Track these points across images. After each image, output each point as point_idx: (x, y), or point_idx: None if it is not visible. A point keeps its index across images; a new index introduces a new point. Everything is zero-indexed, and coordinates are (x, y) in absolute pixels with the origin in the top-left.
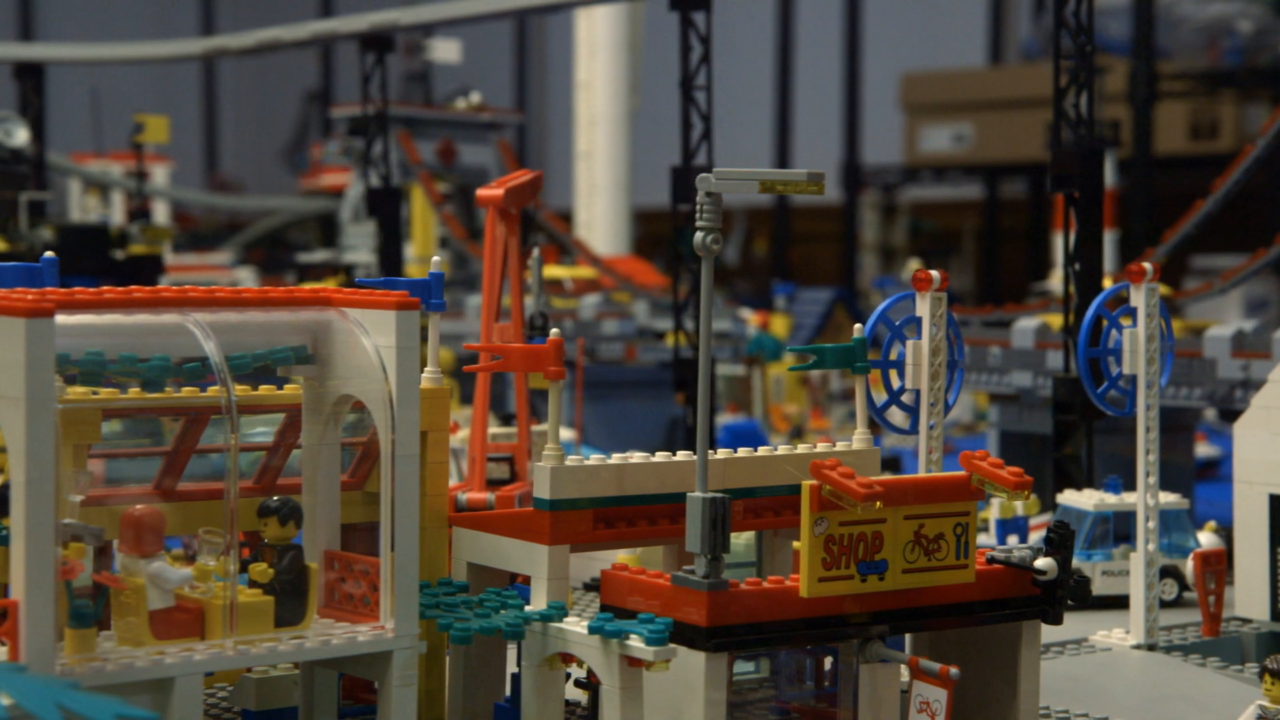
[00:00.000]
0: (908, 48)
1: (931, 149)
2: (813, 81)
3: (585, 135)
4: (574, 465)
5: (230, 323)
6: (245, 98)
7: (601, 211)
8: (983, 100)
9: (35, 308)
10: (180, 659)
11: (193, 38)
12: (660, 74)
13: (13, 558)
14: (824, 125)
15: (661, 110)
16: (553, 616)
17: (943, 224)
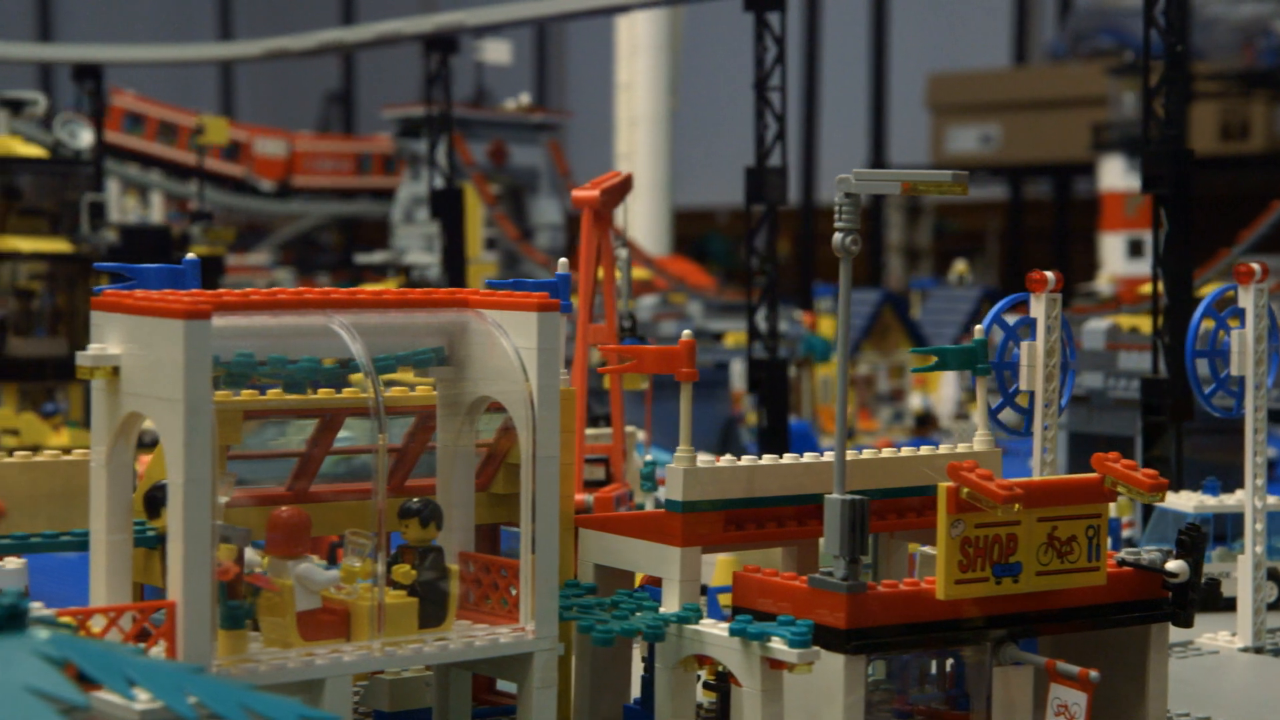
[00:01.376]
0: (931, 48)
1: (959, 149)
2: (839, 82)
3: (625, 136)
4: (705, 467)
5: (371, 324)
6: (263, 99)
7: (642, 212)
8: (1010, 101)
9: (193, 309)
10: (330, 660)
11: (252, 39)
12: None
13: (170, 559)
14: (850, 126)
15: (695, 111)
16: (690, 618)
17: (967, 225)
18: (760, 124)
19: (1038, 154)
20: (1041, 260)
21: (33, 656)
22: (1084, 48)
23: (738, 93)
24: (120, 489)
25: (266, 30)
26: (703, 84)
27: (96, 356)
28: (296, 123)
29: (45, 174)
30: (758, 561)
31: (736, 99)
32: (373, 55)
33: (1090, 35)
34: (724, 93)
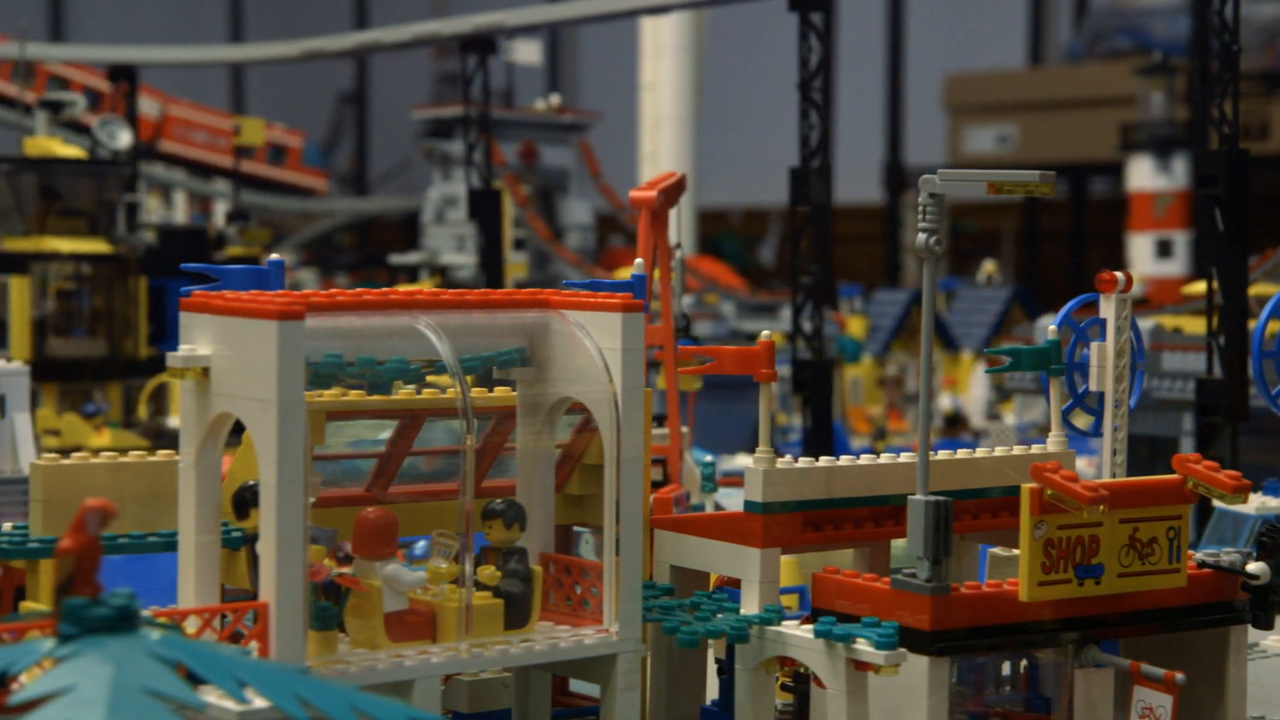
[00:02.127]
0: (947, 48)
1: (976, 150)
2: (855, 83)
3: (650, 136)
4: (785, 468)
5: (454, 324)
6: (274, 99)
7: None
8: (1027, 101)
9: (286, 310)
10: (419, 661)
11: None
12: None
13: (262, 560)
14: (867, 126)
15: (719, 112)
16: (773, 620)
17: (982, 225)
18: (805, 124)
19: (1056, 154)
20: (1058, 261)
21: (147, 657)
22: (1102, 48)
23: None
24: (208, 490)
25: (276, 31)
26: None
27: (187, 357)
28: (308, 123)
29: (84, 175)
30: (823, 563)
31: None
32: (384, 55)
33: (1108, 35)
34: (735, 93)
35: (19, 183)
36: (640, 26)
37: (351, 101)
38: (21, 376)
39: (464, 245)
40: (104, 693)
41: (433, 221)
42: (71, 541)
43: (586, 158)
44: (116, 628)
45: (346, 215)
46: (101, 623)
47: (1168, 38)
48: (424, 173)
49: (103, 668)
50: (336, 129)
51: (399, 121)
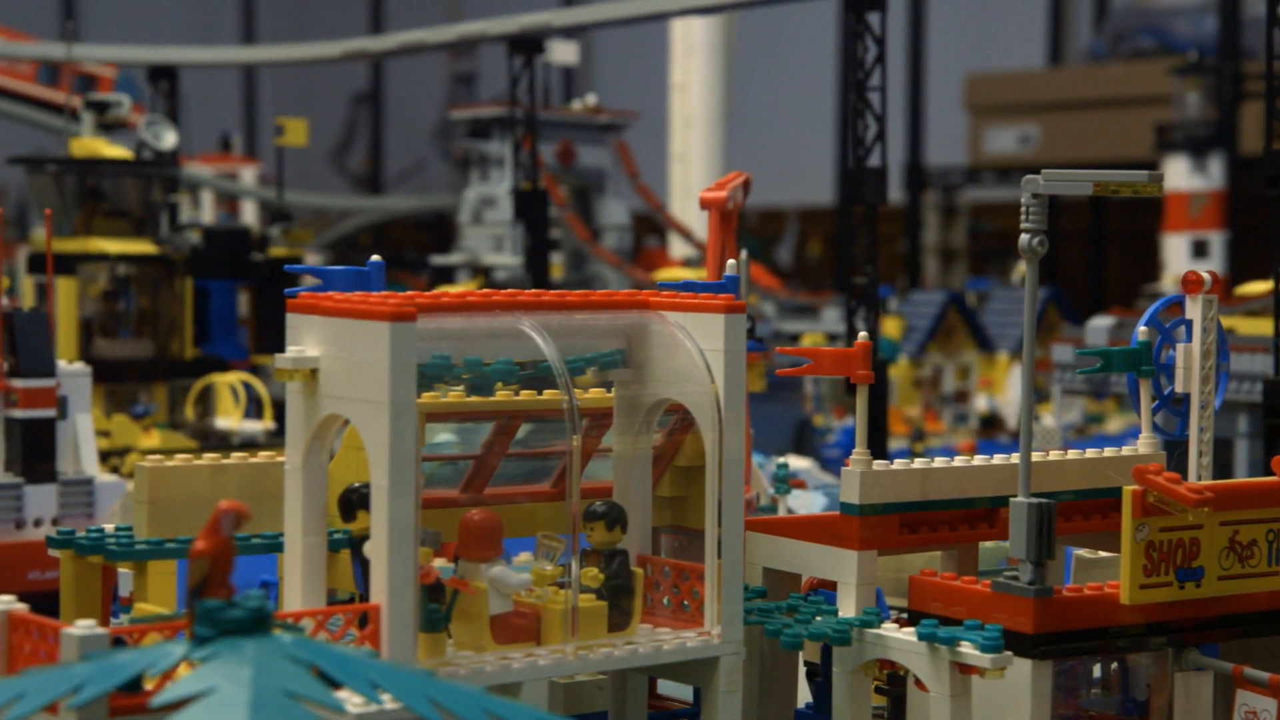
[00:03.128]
0: (968, 49)
1: (997, 150)
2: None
3: (680, 136)
4: (881, 470)
5: (554, 325)
6: (286, 99)
7: (697, 213)
8: (1049, 101)
9: (399, 311)
10: (526, 664)
11: (328, 40)
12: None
13: (374, 562)
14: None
15: (749, 111)
16: (873, 622)
17: (1001, 225)
18: (860, 124)
19: (1078, 155)
20: (1077, 261)
21: (284, 659)
22: (1124, 48)
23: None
24: (315, 491)
25: (289, 31)
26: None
27: (296, 359)
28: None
29: (130, 176)
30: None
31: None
32: (398, 56)
33: (1130, 35)
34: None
35: (65, 184)
36: (670, 26)
37: (366, 101)
38: (83, 378)
39: (501, 245)
40: (246, 694)
41: (470, 222)
42: (206, 543)
43: (624, 158)
44: (251, 630)
45: (377, 215)
46: (237, 625)
47: (1192, 37)
48: (439, 173)
49: (242, 670)
50: (351, 129)
51: (413, 122)
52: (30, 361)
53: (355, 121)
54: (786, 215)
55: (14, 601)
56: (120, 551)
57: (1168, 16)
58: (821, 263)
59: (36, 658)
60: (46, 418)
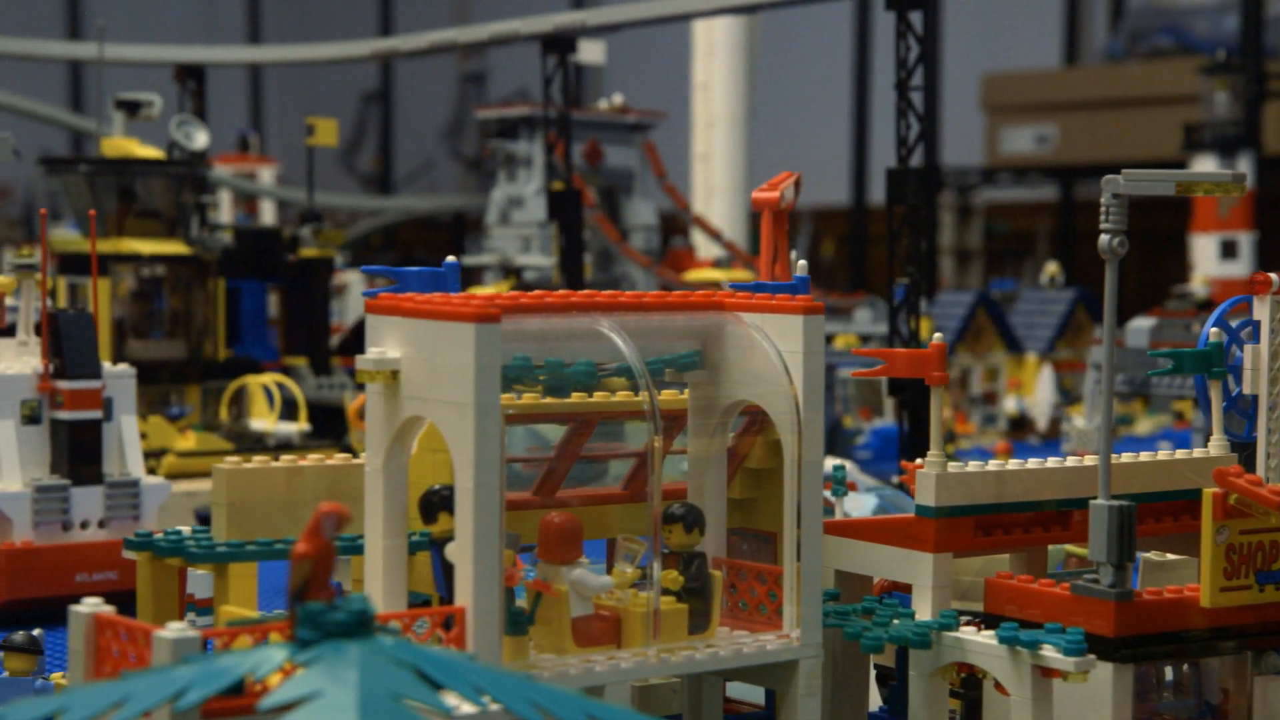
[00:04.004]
0: (983, 49)
1: (1013, 150)
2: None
3: (702, 137)
4: (956, 472)
5: (632, 326)
6: (292, 99)
7: (719, 213)
8: (1067, 101)
9: (483, 313)
10: (609, 667)
11: (363, 39)
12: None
13: (459, 564)
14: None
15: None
16: (951, 625)
17: (1016, 226)
18: (903, 124)
19: (1096, 155)
20: (1095, 261)
21: (389, 662)
22: (1142, 47)
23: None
24: (396, 493)
25: (294, 32)
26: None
27: (378, 360)
28: None
29: (161, 176)
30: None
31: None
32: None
33: (1148, 35)
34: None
35: (97, 184)
36: (692, 26)
37: (376, 101)
38: (129, 379)
39: (529, 246)
40: (353, 697)
41: (497, 222)
42: (308, 546)
43: (651, 158)
44: (355, 632)
45: (397, 214)
46: (340, 627)
47: (1211, 36)
48: (448, 173)
49: (348, 672)
50: (360, 129)
51: (421, 122)
52: (76, 363)
53: (364, 121)
54: (800, 216)
55: (101, 604)
56: (201, 554)
57: (1187, 15)
58: (835, 263)
59: (125, 660)
60: (92, 419)
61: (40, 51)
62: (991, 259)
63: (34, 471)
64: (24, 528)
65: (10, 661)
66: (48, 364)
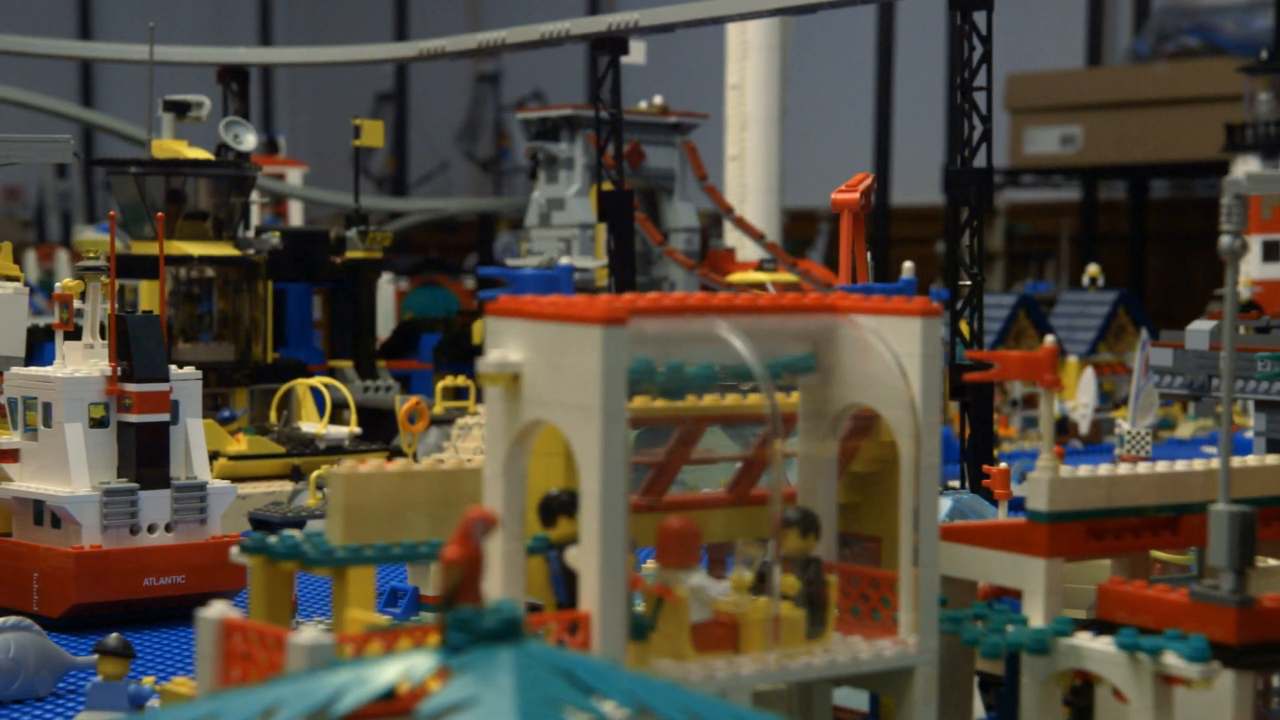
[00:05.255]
0: (1007, 49)
1: (1039, 151)
2: (916, 84)
3: (736, 138)
4: (1068, 477)
5: (748, 329)
6: (303, 100)
7: (752, 215)
8: (1092, 102)
9: (610, 315)
10: (730, 673)
11: (409, 40)
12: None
13: (584, 569)
14: (927, 127)
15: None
16: (1066, 631)
17: (1038, 227)
18: (967, 125)
19: (1122, 156)
20: (1117, 263)
21: (543, 668)
22: (1169, 47)
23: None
24: (515, 497)
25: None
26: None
27: (501, 364)
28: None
29: (210, 177)
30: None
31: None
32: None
33: (1175, 35)
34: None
35: (146, 185)
36: (726, 27)
37: (389, 102)
38: (195, 382)
39: (570, 248)
40: (511, 703)
41: (537, 225)
42: (458, 551)
43: (692, 159)
44: (505, 637)
45: (425, 215)
46: (492, 633)
47: (1239, 36)
48: (462, 173)
49: (503, 677)
50: None
51: (434, 122)
52: (144, 366)
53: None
54: (818, 216)
55: (230, 607)
56: (319, 558)
57: (1214, 15)
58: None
59: (254, 664)
60: (160, 422)
61: (89, 53)
62: (1012, 260)
63: (101, 475)
64: (92, 531)
65: (104, 666)
66: (116, 367)
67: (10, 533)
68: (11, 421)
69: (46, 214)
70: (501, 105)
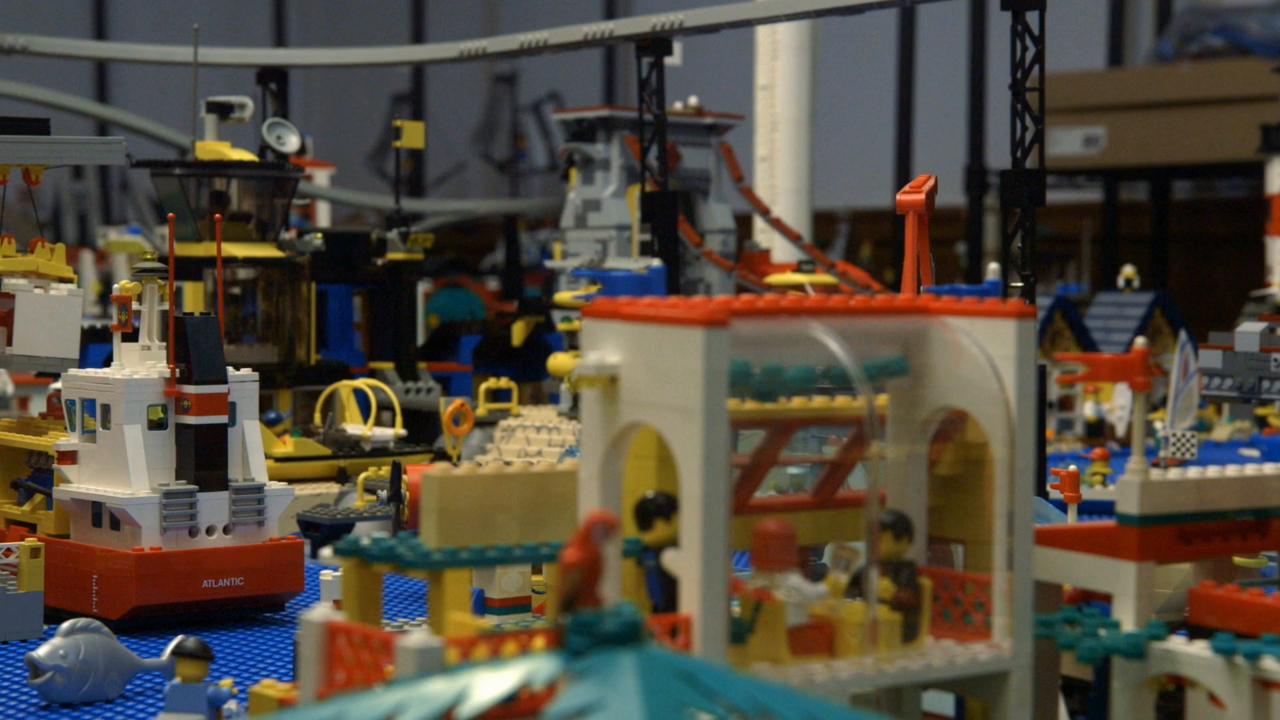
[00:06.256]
0: None
1: (1061, 152)
2: (937, 85)
3: (765, 139)
4: (1159, 480)
5: (840, 331)
6: (316, 101)
7: (782, 216)
8: (1116, 103)
9: (712, 317)
10: (828, 677)
11: (445, 41)
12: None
13: (686, 572)
14: (949, 128)
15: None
16: (1160, 636)
17: (1059, 228)
18: (1018, 125)
19: (1146, 157)
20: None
21: (668, 672)
22: (1193, 48)
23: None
24: (611, 500)
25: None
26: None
27: (599, 365)
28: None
29: (255, 179)
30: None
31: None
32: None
33: (1198, 35)
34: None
35: (190, 186)
36: (756, 27)
37: (406, 103)
38: (251, 384)
39: (606, 250)
40: (638, 707)
41: (573, 226)
42: (578, 554)
43: (728, 160)
44: (626, 641)
45: (455, 216)
46: (613, 637)
47: (1264, 37)
48: (478, 173)
49: (628, 681)
50: (390, 131)
51: (451, 124)
52: (203, 367)
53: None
54: (837, 216)
55: (333, 610)
56: (415, 561)
57: (1238, 15)
58: (873, 265)
59: (359, 668)
60: (219, 424)
61: (132, 55)
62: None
63: (160, 477)
64: (152, 533)
65: (182, 668)
66: (174, 369)
67: (67, 534)
68: (69, 423)
69: (62, 215)
70: (518, 106)
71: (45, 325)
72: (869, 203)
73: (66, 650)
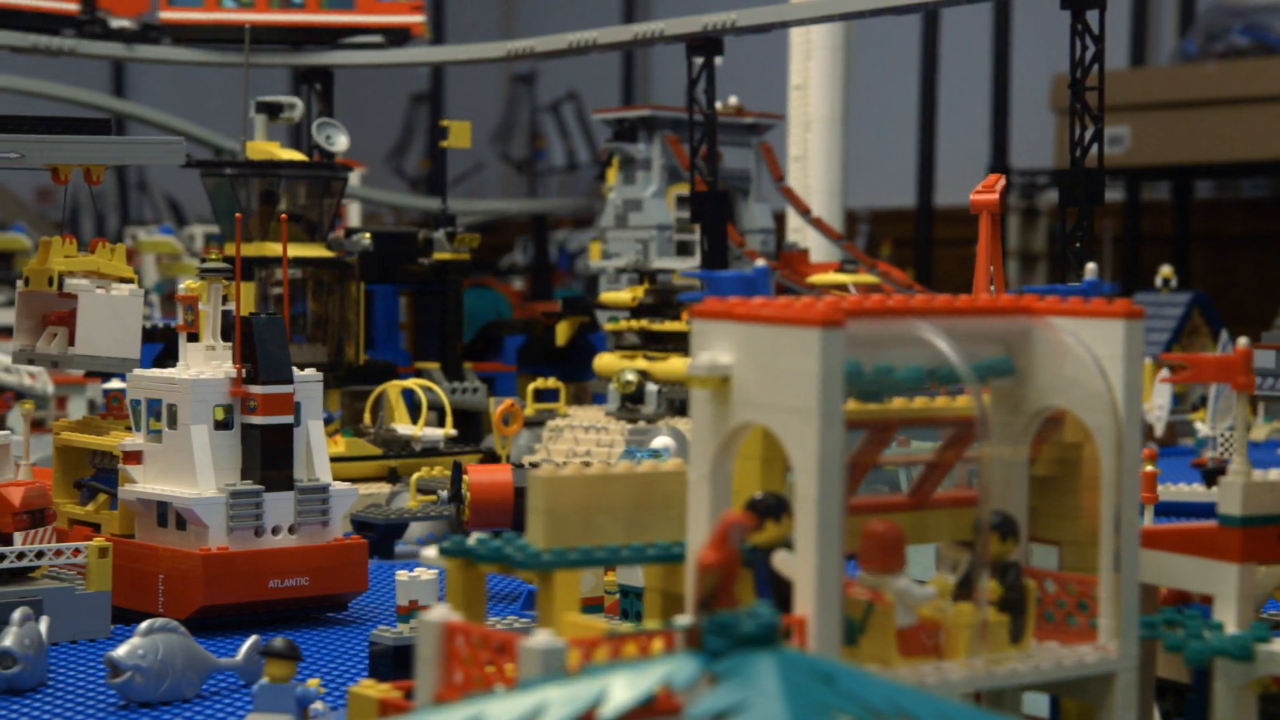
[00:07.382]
0: (1051, 50)
1: None
2: (962, 85)
3: (799, 138)
4: (1261, 481)
5: (946, 331)
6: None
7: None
8: (1140, 102)
9: (829, 318)
10: (939, 680)
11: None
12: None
13: (800, 574)
14: (973, 129)
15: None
16: (1265, 638)
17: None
18: (1080, 125)
19: (1170, 156)
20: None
21: (808, 674)
22: (1217, 47)
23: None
24: (721, 502)
25: None
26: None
27: (711, 366)
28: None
29: (305, 179)
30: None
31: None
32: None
33: (1223, 35)
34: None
35: (240, 186)
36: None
37: (424, 103)
38: (316, 384)
39: (647, 250)
40: (781, 708)
41: (614, 226)
42: (715, 555)
43: (768, 160)
44: (764, 642)
45: (484, 216)
46: (752, 638)
47: None
48: (496, 173)
49: (769, 682)
50: (409, 130)
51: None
52: (269, 368)
53: (412, 123)
54: (857, 216)
55: (451, 611)
56: (525, 561)
57: (1264, 14)
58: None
59: (478, 668)
60: (284, 424)
61: (182, 58)
62: (1054, 262)
63: (225, 477)
64: (219, 533)
65: (271, 668)
66: (241, 369)
67: (131, 534)
68: (134, 423)
69: (80, 215)
70: (536, 106)
71: (107, 325)
72: (888, 203)
73: (145, 650)
